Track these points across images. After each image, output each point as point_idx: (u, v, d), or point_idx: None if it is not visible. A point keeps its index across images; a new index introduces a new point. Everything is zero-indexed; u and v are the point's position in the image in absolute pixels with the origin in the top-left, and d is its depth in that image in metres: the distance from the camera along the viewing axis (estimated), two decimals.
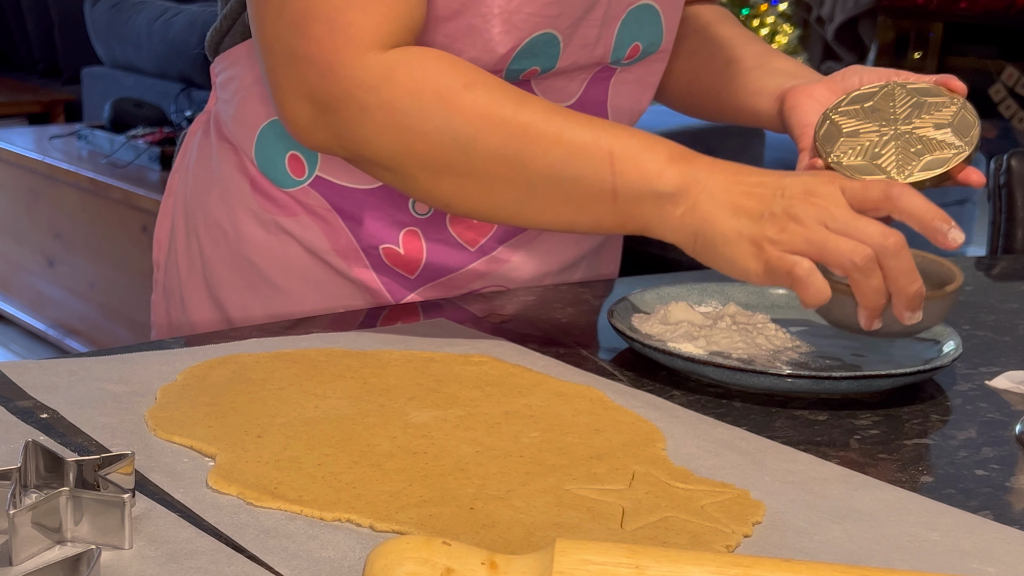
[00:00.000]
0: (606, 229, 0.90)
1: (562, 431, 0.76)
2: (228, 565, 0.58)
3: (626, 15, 1.02)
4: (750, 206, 0.83)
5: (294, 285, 1.05)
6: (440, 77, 0.88)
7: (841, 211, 0.82)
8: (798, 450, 0.76)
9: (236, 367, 0.83)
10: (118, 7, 4.48)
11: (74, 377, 0.80)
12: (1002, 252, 1.59)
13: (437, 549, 0.52)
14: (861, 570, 0.53)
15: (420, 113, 0.87)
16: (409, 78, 0.87)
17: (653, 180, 0.86)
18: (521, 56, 0.96)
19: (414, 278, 1.04)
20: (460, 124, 0.87)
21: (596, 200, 0.87)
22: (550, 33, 0.97)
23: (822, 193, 0.83)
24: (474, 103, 0.87)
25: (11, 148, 3.70)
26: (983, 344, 1.01)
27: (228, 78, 1.07)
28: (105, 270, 3.44)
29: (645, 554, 0.52)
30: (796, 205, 0.82)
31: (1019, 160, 1.61)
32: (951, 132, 0.94)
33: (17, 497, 0.61)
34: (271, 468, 0.68)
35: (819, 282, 0.81)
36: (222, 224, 1.07)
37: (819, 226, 0.81)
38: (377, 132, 0.88)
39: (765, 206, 0.83)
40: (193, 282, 1.10)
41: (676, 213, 0.85)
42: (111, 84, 4.54)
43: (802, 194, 0.82)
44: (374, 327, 0.97)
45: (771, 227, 0.82)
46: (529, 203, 0.89)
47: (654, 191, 0.86)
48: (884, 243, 0.80)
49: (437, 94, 0.87)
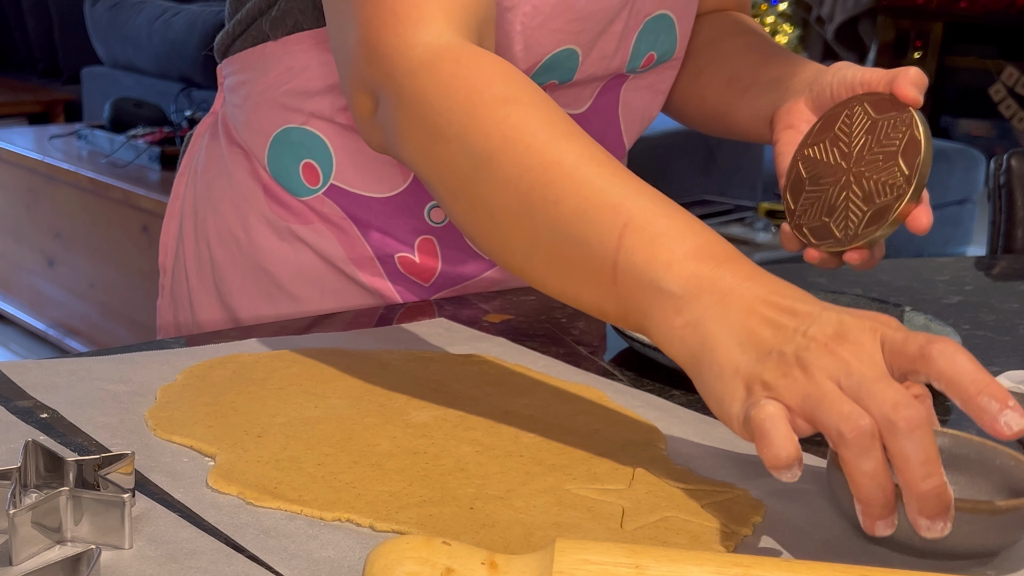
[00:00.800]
0: (608, 317, 0.72)
1: (562, 431, 0.76)
2: (228, 565, 0.58)
3: (645, 24, 1.01)
4: (764, 338, 0.64)
5: (308, 293, 1.04)
6: (481, 80, 0.77)
7: (865, 367, 0.61)
8: None
9: (236, 367, 0.83)
10: (118, 7, 4.48)
11: (74, 377, 0.80)
12: (1002, 252, 1.59)
13: (437, 549, 0.52)
14: (861, 570, 0.53)
15: (446, 113, 0.77)
16: (449, 72, 0.77)
17: (659, 271, 0.68)
18: (541, 72, 0.95)
19: (428, 286, 1.04)
20: (480, 138, 0.75)
21: (597, 275, 0.71)
22: (571, 48, 0.96)
23: (854, 341, 0.62)
24: (504, 119, 0.75)
25: (11, 148, 3.70)
26: (983, 344, 1.01)
27: (238, 82, 1.05)
28: (105, 270, 3.44)
29: (645, 554, 0.52)
30: (813, 349, 0.62)
31: (1019, 160, 1.62)
32: (899, 163, 0.88)
33: (17, 497, 0.61)
34: (271, 468, 0.68)
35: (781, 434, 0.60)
36: (234, 230, 1.05)
37: (827, 380, 0.61)
38: (407, 125, 0.79)
39: (780, 342, 0.63)
40: (203, 288, 1.09)
41: (676, 322, 0.67)
42: (111, 84, 4.54)
43: (829, 337, 0.62)
44: (390, 325, 0.97)
45: (772, 370, 0.62)
46: (534, 256, 0.74)
47: (656, 284, 0.67)
48: (892, 416, 0.59)
49: (469, 98, 0.76)
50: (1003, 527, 0.61)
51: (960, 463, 0.68)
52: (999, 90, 6.18)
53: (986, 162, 4.58)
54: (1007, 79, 6.14)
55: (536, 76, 0.96)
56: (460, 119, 0.76)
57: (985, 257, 1.40)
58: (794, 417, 0.61)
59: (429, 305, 1.03)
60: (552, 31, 0.93)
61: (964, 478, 0.67)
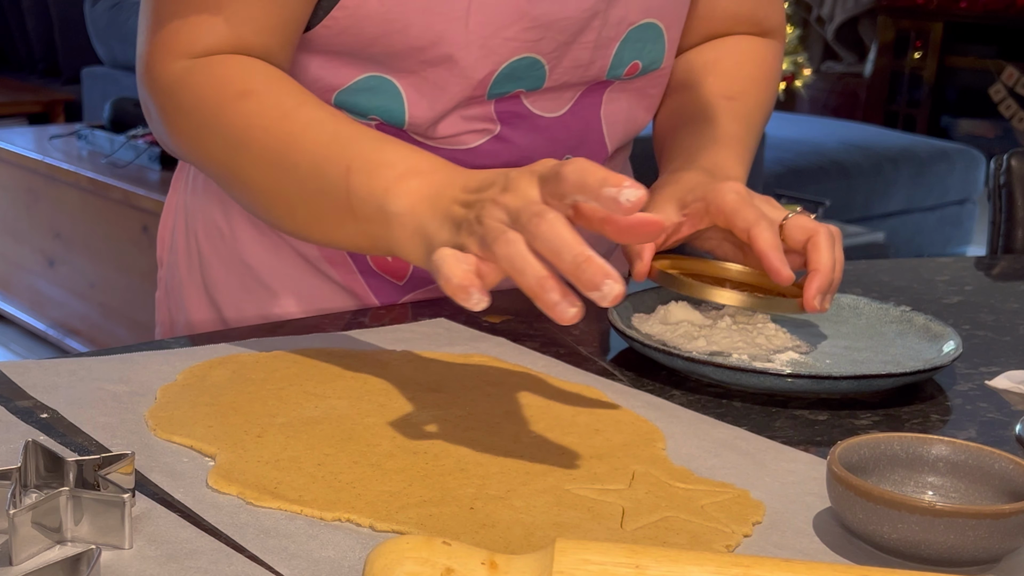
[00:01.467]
0: (365, 250, 0.84)
1: (562, 431, 0.76)
2: (228, 565, 0.58)
3: (628, 34, 1.00)
4: (459, 215, 0.73)
5: (286, 288, 1.05)
6: (222, 83, 0.88)
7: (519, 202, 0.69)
8: (798, 450, 0.76)
9: (236, 367, 0.83)
10: (118, 7, 4.48)
11: (74, 377, 0.80)
12: (1002, 252, 1.59)
13: (437, 549, 0.52)
14: (861, 570, 0.53)
15: (200, 119, 0.89)
16: (197, 84, 0.89)
17: (380, 197, 0.79)
18: (502, 80, 0.96)
19: (402, 284, 1.04)
20: (230, 131, 0.87)
21: (341, 217, 0.82)
22: (532, 57, 0.96)
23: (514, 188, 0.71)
24: (243, 111, 0.86)
25: (11, 148, 3.70)
26: (983, 344, 1.01)
27: None
28: (105, 270, 3.44)
29: (645, 554, 0.52)
30: (486, 206, 0.71)
31: (1019, 160, 1.62)
32: None
33: (17, 497, 0.61)
34: (271, 468, 0.68)
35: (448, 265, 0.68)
36: (219, 224, 1.07)
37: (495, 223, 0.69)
38: (175, 134, 0.92)
39: (468, 213, 0.73)
40: (191, 281, 1.10)
41: (407, 234, 0.77)
42: (111, 84, 4.54)
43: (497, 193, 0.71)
44: (361, 327, 0.97)
45: (465, 235, 0.72)
46: (296, 215, 0.86)
47: (383, 209, 0.78)
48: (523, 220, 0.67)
49: (217, 101, 0.88)
50: (1005, 532, 0.61)
51: (959, 470, 0.68)
52: (999, 90, 6.18)
53: (986, 162, 4.58)
54: (1007, 79, 6.14)
55: (499, 85, 0.96)
56: (213, 121, 0.88)
57: (985, 257, 1.39)
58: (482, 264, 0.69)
59: (430, 305, 1.03)
60: (506, 39, 0.94)
61: (964, 484, 0.68)
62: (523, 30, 0.94)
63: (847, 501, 0.63)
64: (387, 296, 1.05)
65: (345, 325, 0.97)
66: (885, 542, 0.62)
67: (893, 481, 0.68)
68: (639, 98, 1.07)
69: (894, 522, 0.61)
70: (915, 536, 0.60)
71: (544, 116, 1.01)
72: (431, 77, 0.94)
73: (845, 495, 0.63)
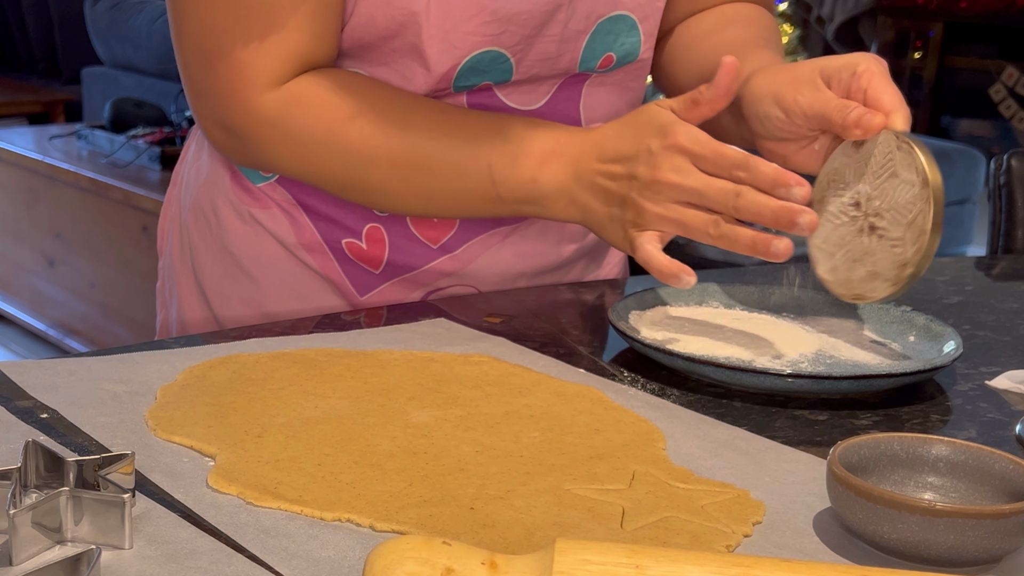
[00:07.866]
0: (510, 217, 1.00)
1: (562, 431, 0.76)
2: (228, 565, 0.58)
3: (597, 26, 1.00)
4: (612, 190, 0.91)
5: (267, 276, 1.07)
6: (328, 112, 0.95)
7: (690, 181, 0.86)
8: (798, 450, 0.76)
9: (236, 367, 0.83)
10: (118, 7, 4.48)
11: (74, 377, 0.80)
12: (1002, 252, 1.59)
13: (437, 549, 0.52)
14: (861, 570, 0.53)
15: (315, 146, 0.96)
16: (302, 114, 0.95)
17: (529, 188, 0.95)
18: (466, 73, 0.97)
19: (379, 273, 1.05)
20: (351, 156, 0.95)
21: (489, 204, 0.97)
22: (496, 51, 0.97)
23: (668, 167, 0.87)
24: (359, 135, 0.95)
25: (11, 148, 3.70)
26: (983, 344, 1.01)
27: None
28: (105, 270, 3.44)
29: (645, 554, 0.52)
30: (646, 191, 0.88)
31: (1019, 160, 1.62)
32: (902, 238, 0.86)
33: (17, 497, 0.61)
34: (271, 468, 0.68)
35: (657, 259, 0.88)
36: (207, 213, 1.09)
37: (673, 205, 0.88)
38: (282, 159, 0.98)
39: (624, 191, 0.90)
40: (183, 270, 1.12)
41: (559, 207, 0.95)
42: (111, 84, 4.54)
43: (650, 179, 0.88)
44: (361, 327, 0.97)
45: (630, 212, 0.90)
46: (431, 207, 0.99)
47: (532, 197, 0.95)
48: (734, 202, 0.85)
49: (328, 130, 0.95)
50: (1006, 532, 0.61)
51: (959, 470, 0.68)
52: (999, 90, 6.18)
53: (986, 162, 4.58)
54: (1007, 79, 6.14)
55: (463, 78, 0.97)
56: (329, 148, 0.95)
57: (985, 257, 1.39)
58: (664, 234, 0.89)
59: (430, 306, 1.03)
60: (466, 33, 0.95)
61: (964, 484, 0.68)
62: (482, 24, 0.95)
63: (847, 501, 0.63)
64: (364, 284, 1.05)
65: (345, 325, 0.97)
66: (885, 542, 0.62)
67: (893, 481, 0.68)
68: (620, 91, 1.07)
69: (894, 522, 0.61)
70: (915, 536, 0.60)
71: (520, 109, 1.01)
72: (400, 68, 0.96)
73: (845, 495, 0.63)
